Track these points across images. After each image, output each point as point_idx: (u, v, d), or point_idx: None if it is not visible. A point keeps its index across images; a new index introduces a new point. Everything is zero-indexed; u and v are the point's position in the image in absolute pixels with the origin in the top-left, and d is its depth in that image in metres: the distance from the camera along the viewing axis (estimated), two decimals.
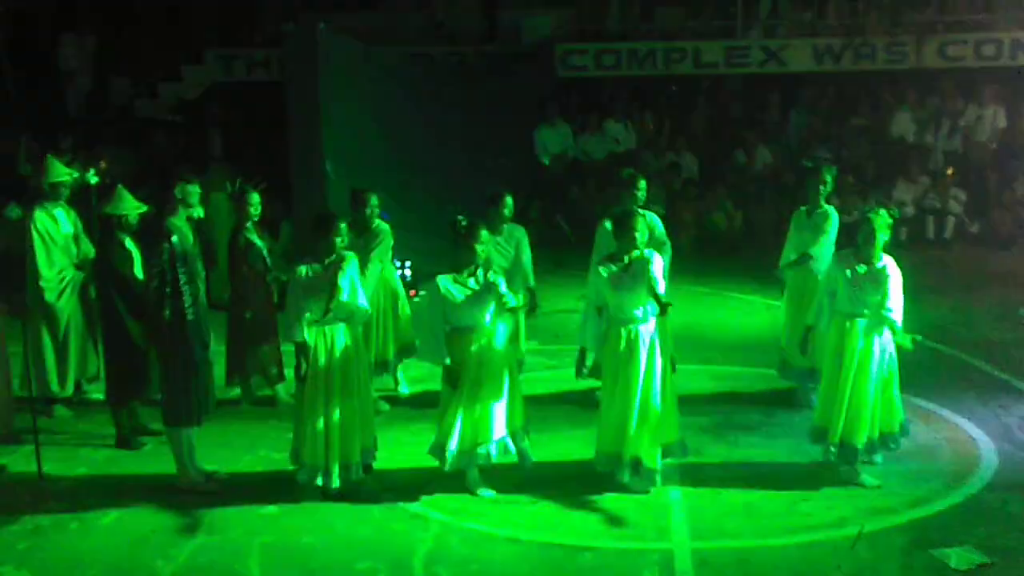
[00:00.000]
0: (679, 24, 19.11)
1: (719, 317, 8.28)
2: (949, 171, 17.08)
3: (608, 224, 9.11)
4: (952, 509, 7.89)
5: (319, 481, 8.07)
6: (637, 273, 7.84)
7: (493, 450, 8.04)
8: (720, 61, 18.51)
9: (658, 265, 7.94)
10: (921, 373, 9.90)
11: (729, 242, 16.36)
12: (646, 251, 7.97)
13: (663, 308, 7.79)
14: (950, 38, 17.99)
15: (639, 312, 7.89)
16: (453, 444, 7.97)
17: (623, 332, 7.96)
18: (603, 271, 7.95)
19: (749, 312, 13.11)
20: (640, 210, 8.95)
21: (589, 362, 9.08)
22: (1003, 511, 7.84)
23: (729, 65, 18.53)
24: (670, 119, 18.81)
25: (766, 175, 17.85)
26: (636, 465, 8.01)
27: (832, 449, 8.14)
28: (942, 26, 18.15)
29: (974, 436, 9.15)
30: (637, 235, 7.93)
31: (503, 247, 9.79)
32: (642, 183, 9.76)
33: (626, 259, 7.92)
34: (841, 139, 17.82)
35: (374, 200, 9.88)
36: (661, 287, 7.81)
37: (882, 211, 8.26)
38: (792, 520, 7.77)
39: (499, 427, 8.02)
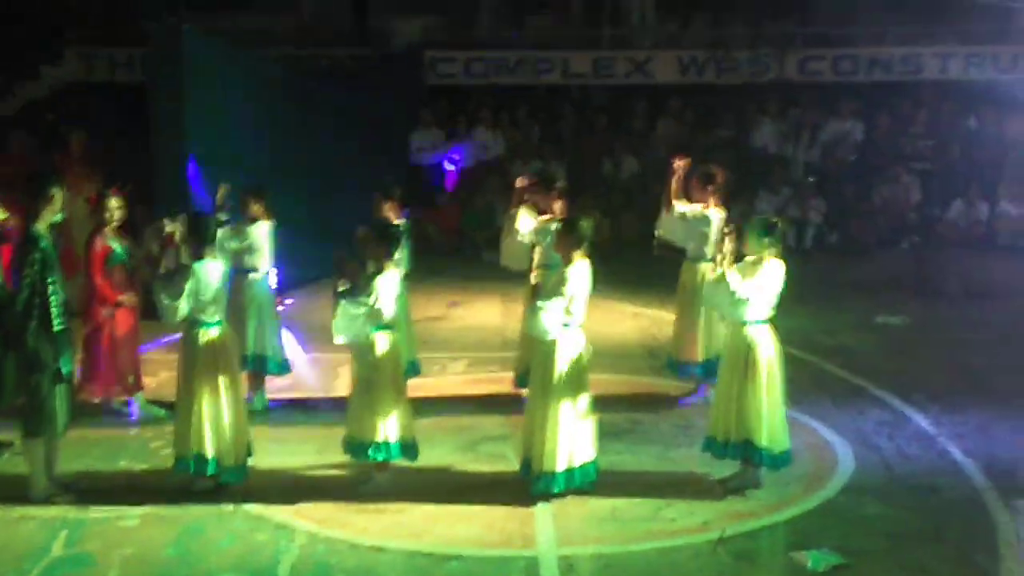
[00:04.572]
0: (548, 34, 19.23)
1: (586, 324, 8.37)
2: (811, 179, 17.48)
3: None
4: (810, 512, 8.02)
5: (190, 467, 8.10)
6: None
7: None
8: (587, 71, 18.68)
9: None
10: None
11: (596, 251, 16.42)
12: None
13: None
14: (810, 52, 18.44)
15: None
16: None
17: None
18: None
19: (616, 320, 13.23)
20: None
21: None
22: (858, 513, 8.00)
23: (596, 75, 18.72)
24: (538, 127, 18.91)
25: (633, 184, 18.05)
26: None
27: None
28: (802, 40, 18.58)
29: (831, 440, 9.32)
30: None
31: None
32: None
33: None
34: (705, 150, 18.11)
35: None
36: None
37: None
38: (656, 525, 7.83)
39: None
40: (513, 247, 9.86)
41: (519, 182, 10.07)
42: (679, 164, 10.01)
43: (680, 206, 9.99)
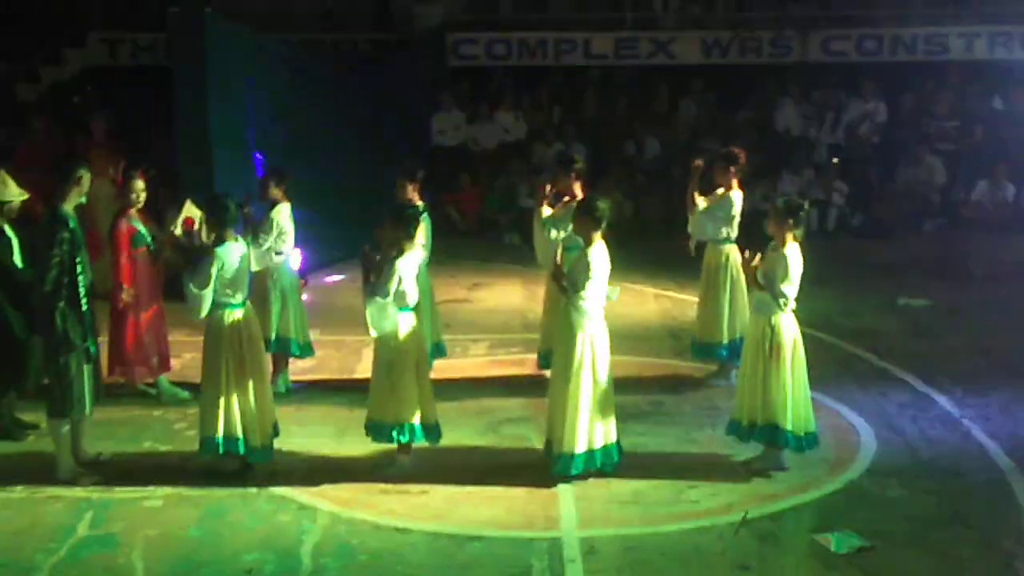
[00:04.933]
0: (570, 15, 19.19)
1: (608, 306, 8.40)
2: (835, 160, 17.40)
3: None
4: (833, 495, 8.02)
5: (216, 448, 8.10)
6: None
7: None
8: (610, 52, 18.63)
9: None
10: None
11: (619, 232, 16.42)
12: None
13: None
14: (833, 33, 18.34)
15: None
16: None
17: None
18: None
19: (638, 302, 13.21)
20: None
21: None
22: (882, 496, 8.00)
23: (618, 57, 18.66)
24: (560, 109, 18.87)
25: (655, 166, 18.01)
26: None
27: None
28: (825, 21, 18.48)
29: (854, 423, 9.31)
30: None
31: None
32: None
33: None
34: (728, 131, 18.05)
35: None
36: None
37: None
38: (679, 507, 7.84)
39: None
40: (544, 245, 9.81)
41: (543, 187, 10.06)
42: (697, 164, 10.02)
43: (701, 202, 9.99)
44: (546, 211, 9.74)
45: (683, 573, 7.03)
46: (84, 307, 8.13)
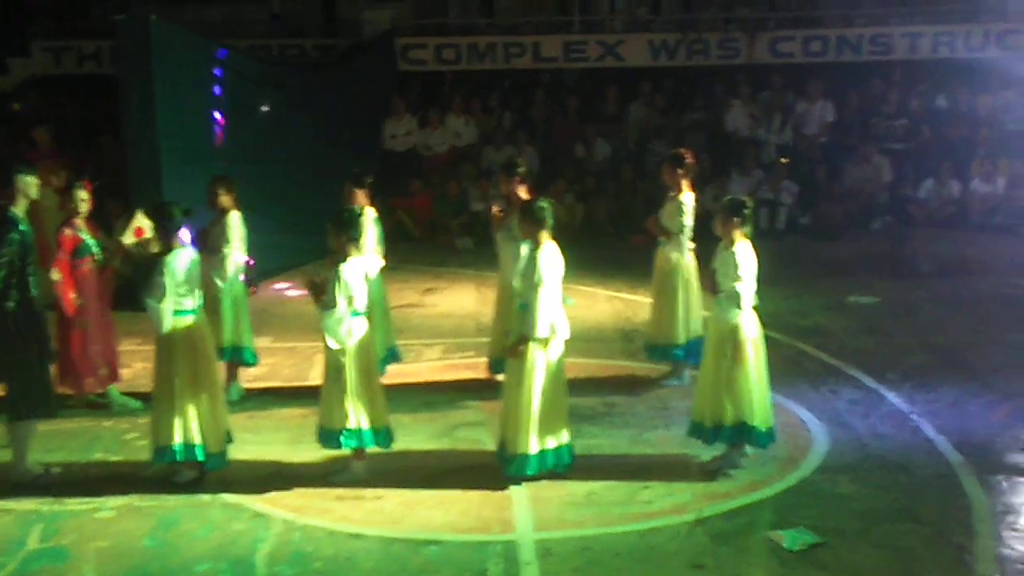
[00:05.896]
0: (518, 18, 19.21)
1: (575, 309, 8.50)
2: (783, 160, 17.52)
3: None
4: (786, 492, 8.08)
5: (173, 457, 8.08)
6: None
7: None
8: (558, 55, 18.65)
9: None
10: None
11: (570, 234, 16.49)
12: None
13: None
14: (779, 34, 18.46)
15: None
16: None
17: None
18: None
19: (591, 304, 13.22)
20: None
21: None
22: (834, 492, 8.06)
23: (567, 59, 18.69)
24: (510, 113, 18.88)
25: (605, 168, 18.05)
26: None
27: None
28: (772, 23, 18.61)
29: (805, 420, 9.39)
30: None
31: None
32: None
33: None
34: (677, 134, 18.11)
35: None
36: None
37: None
38: (633, 508, 7.87)
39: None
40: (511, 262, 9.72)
41: (495, 209, 10.06)
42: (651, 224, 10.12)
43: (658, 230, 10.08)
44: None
45: (638, 573, 7.06)
46: (38, 308, 8.11)
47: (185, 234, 8.38)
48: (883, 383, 10.25)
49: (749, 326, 8.16)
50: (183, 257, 8.11)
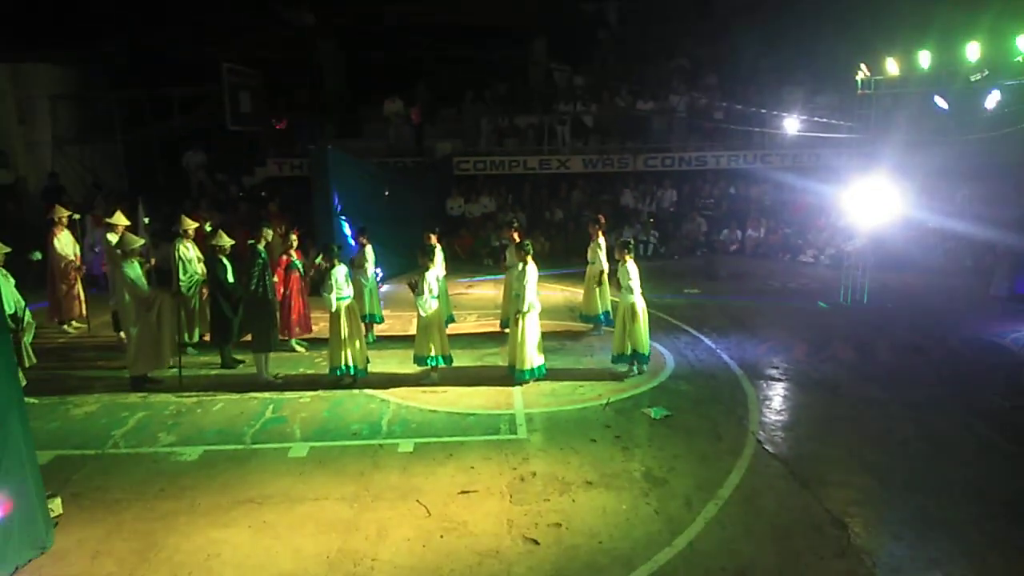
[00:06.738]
0: (516, 147, 19.09)
1: (545, 296, 8.44)
2: (651, 219, 17.43)
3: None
4: (653, 389, 8.08)
5: (339, 372, 7.99)
6: None
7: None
8: (536, 167, 18.53)
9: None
10: None
11: (542, 258, 16.38)
12: None
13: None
14: (649, 155, 18.35)
15: None
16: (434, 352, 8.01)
17: None
18: None
19: (552, 293, 13.14)
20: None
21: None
22: (677, 389, 8.08)
23: (541, 168, 18.57)
24: (511, 195, 18.81)
25: (560, 225, 17.95)
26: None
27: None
28: (645, 148, 18.48)
29: (663, 352, 9.35)
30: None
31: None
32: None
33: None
34: (597, 206, 18.02)
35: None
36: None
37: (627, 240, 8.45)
38: (575, 396, 7.87)
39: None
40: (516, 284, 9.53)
41: (508, 234, 9.87)
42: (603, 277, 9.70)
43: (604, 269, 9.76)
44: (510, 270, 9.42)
45: (576, 429, 7.07)
46: (270, 296, 8.14)
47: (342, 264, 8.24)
48: (702, 333, 10.20)
49: (639, 302, 8.15)
50: (340, 270, 8.07)
